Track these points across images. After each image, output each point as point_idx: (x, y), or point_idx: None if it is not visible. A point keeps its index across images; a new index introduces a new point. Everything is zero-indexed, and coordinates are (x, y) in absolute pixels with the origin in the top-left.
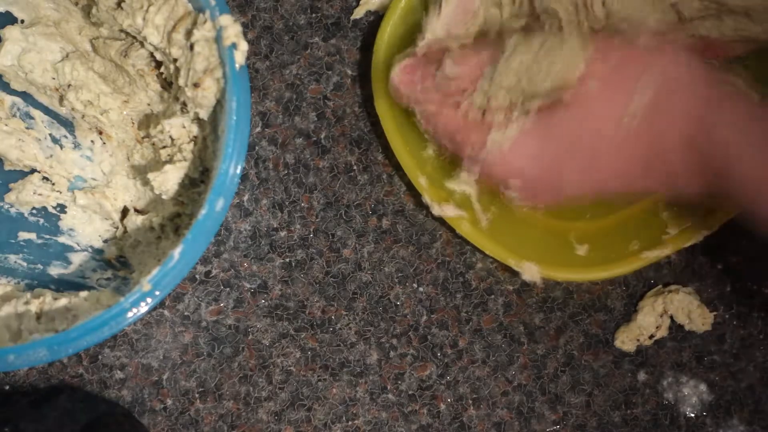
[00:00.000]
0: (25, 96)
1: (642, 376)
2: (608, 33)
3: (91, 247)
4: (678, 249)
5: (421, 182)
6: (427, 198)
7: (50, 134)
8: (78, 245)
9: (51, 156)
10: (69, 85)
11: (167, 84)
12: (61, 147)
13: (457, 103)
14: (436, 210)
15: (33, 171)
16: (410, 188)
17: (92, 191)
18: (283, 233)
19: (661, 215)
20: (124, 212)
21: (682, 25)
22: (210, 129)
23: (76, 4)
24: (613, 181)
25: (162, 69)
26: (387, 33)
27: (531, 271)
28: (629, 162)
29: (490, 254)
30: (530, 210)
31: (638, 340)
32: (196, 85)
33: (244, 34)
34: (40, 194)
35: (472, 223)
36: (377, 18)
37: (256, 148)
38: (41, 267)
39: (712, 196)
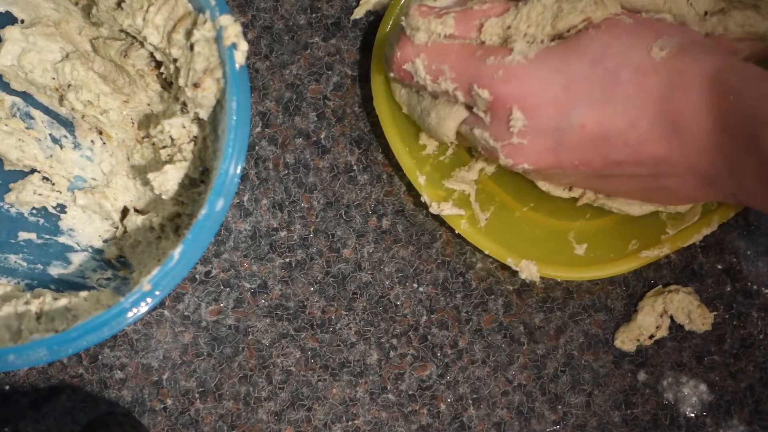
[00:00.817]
0: (25, 96)
1: (642, 376)
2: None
3: (91, 247)
4: (677, 248)
5: (419, 181)
6: (425, 197)
7: (50, 134)
8: (78, 245)
9: (51, 156)
10: (69, 85)
11: (167, 84)
12: (61, 147)
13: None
14: (434, 209)
15: (33, 171)
16: (410, 188)
17: (92, 191)
18: (283, 233)
19: (661, 215)
20: (124, 212)
21: (698, 22)
22: (210, 129)
23: (76, 4)
24: (622, 134)
25: (162, 69)
26: (386, 33)
27: (529, 270)
28: (642, 112)
29: (489, 253)
30: (531, 211)
31: (638, 340)
32: (196, 85)
33: (244, 34)
34: (40, 194)
35: (471, 222)
36: (377, 18)
37: (256, 148)
38: (41, 267)
39: (726, 192)
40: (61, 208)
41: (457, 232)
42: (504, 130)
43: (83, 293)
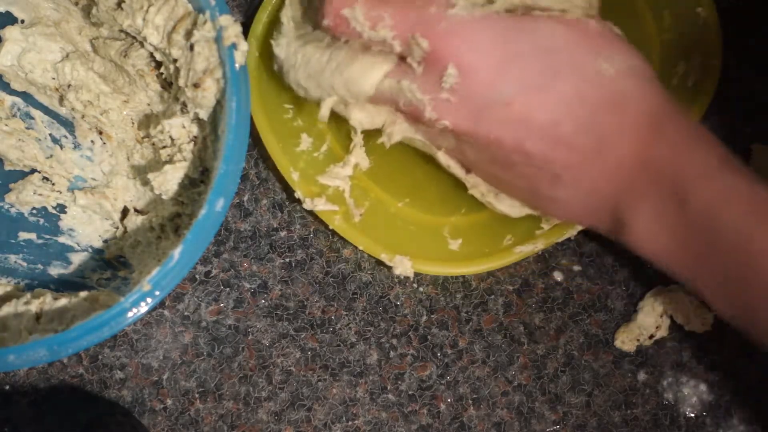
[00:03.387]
0: (25, 96)
1: (642, 376)
2: None
3: (91, 247)
4: (551, 244)
5: (293, 177)
6: (299, 192)
7: (50, 134)
8: (78, 245)
9: (51, 156)
10: (69, 85)
11: (167, 84)
12: (61, 147)
13: None
14: (307, 204)
15: (33, 171)
16: None
17: (92, 191)
18: (283, 233)
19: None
20: (124, 212)
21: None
22: (210, 129)
23: (76, 4)
24: (544, 127)
25: (162, 69)
26: (261, 24)
27: (403, 266)
28: (571, 114)
29: (363, 248)
30: (406, 207)
31: (638, 340)
32: (196, 86)
33: (244, 34)
34: (40, 194)
35: (345, 218)
36: None
37: (256, 148)
38: (41, 267)
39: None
40: (61, 208)
41: (331, 228)
42: (435, 84)
43: (83, 293)
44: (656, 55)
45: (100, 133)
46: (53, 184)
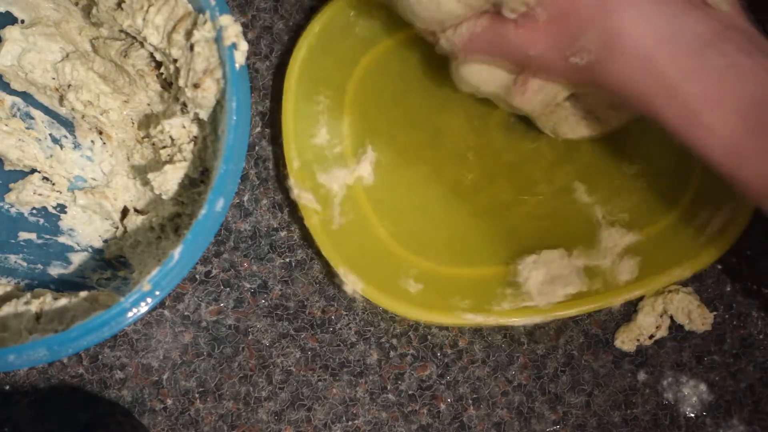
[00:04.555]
0: (25, 96)
1: (642, 376)
2: None
3: (91, 247)
4: (501, 324)
5: (293, 164)
6: (291, 180)
7: (50, 134)
8: (78, 245)
9: (51, 156)
10: (69, 85)
11: (167, 84)
12: (61, 147)
13: None
14: (294, 193)
15: (33, 171)
16: None
17: (92, 191)
18: (283, 233)
19: (504, 290)
20: (124, 212)
21: None
22: (210, 129)
23: (76, 4)
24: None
25: (162, 69)
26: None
27: (354, 286)
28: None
29: (324, 254)
30: (387, 234)
31: (638, 340)
32: (196, 86)
33: (244, 34)
34: (40, 194)
35: (322, 222)
36: None
37: (256, 148)
38: (41, 267)
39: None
40: (61, 208)
41: (305, 224)
42: None
43: (83, 293)
44: (690, 192)
45: (100, 133)
46: (53, 184)
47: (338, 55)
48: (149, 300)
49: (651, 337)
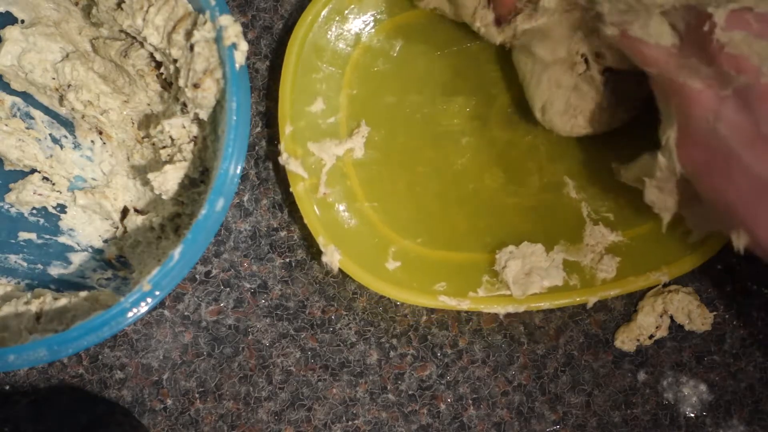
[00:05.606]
0: (25, 96)
1: (642, 376)
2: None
3: (91, 247)
4: (475, 310)
5: (285, 129)
6: (282, 145)
7: (50, 134)
8: (78, 245)
9: (51, 156)
10: (69, 85)
11: (167, 84)
12: (61, 147)
13: None
14: (282, 159)
15: (33, 171)
16: None
17: (92, 191)
18: (283, 233)
19: (483, 277)
20: (124, 212)
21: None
22: (210, 129)
23: (76, 4)
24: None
25: (162, 69)
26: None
27: (332, 257)
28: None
29: (306, 221)
30: (371, 209)
31: (638, 340)
32: (196, 86)
33: (244, 34)
34: (40, 194)
35: (308, 189)
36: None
37: (256, 148)
38: (41, 267)
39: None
40: (61, 208)
41: (290, 189)
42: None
43: (83, 293)
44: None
45: (100, 133)
46: (53, 184)
47: (342, 30)
48: (149, 300)
49: (651, 337)
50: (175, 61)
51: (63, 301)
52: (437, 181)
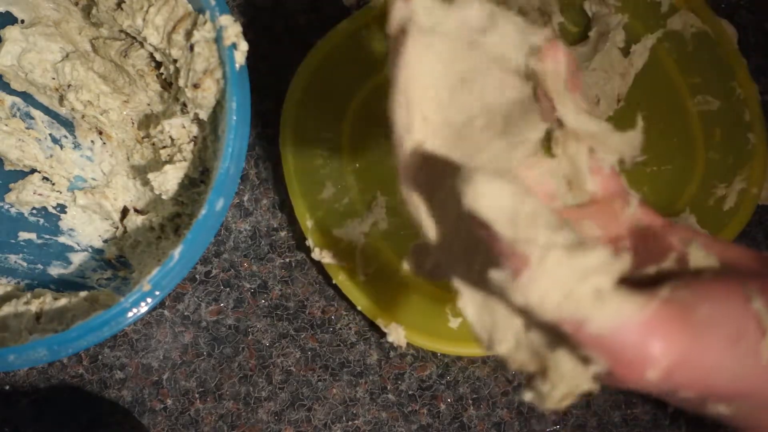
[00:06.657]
0: (25, 96)
1: None
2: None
3: (91, 247)
4: None
5: (307, 224)
6: (310, 240)
7: (50, 134)
8: (78, 245)
9: (51, 156)
10: (69, 85)
11: (167, 84)
12: (61, 147)
13: None
14: (316, 254)
15: (33, 171)
16: None
17: (92, 191)
18: (283, 233)
19: None
20: (124, 212)
21: None
22: (210, 129)
23: (76, 4)
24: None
25: (162, 69)
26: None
27: (397, 335)
28: None
29: (361, 309)
30: (414, 274)
31: None
32: (196, 86)
33: (244, 34)
34: (40, 194)
35: (350, 275)
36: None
37: (256, 148)
38: (41, 267)
39: None
40: (61, 208)
41: (333, 282)
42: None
43: (83, 293)
44: (699, 172)
45: (100, 133)
46: (53, 184)
47: (327, 105)
48: (149, 300)
49: None
50: (175, 61)
51: (63, 301)
52: None
